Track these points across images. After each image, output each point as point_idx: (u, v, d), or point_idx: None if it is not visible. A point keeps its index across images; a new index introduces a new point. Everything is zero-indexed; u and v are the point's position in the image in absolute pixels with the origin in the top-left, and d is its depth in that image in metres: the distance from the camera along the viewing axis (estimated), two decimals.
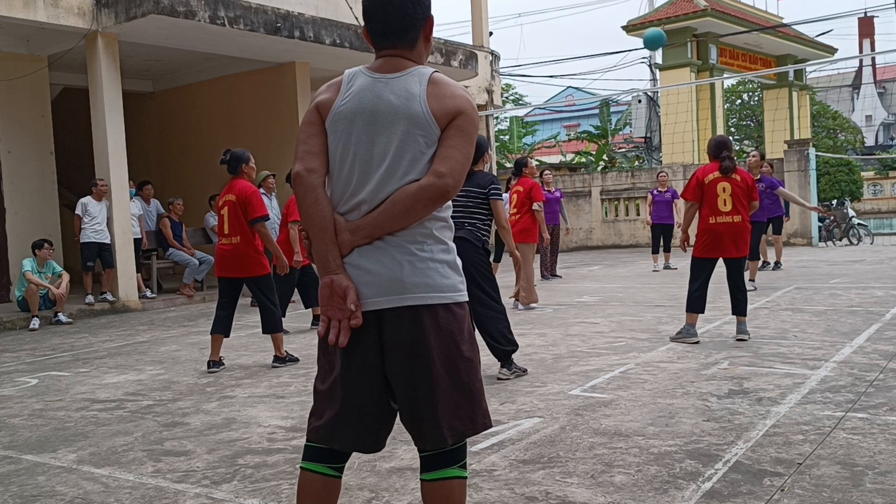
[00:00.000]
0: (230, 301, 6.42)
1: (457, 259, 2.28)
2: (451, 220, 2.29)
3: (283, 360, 6.44)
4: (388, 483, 3.45)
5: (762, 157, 11.23)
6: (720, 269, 6.60)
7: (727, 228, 6.44)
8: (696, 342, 6.41)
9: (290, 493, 3.39)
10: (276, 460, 3.88)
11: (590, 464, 3.58)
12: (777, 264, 11.95)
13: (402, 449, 3.90)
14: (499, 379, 5.42)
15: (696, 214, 6.59)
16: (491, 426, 2.30)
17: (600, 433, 4.05)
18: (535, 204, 8.98)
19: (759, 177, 11.05)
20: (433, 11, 2.31)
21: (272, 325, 6.40)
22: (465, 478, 2.27)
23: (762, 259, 11.77)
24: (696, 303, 6.53)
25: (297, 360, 6.54)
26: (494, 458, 3.71)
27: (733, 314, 6.61)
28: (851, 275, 10.93)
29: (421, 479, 2.27)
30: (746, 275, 8.61)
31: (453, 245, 2.27)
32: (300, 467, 2.30)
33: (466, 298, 2.28)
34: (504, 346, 5.45)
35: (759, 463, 3.47)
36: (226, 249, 6.32)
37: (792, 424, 4.02)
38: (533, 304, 9.09)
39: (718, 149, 6.61)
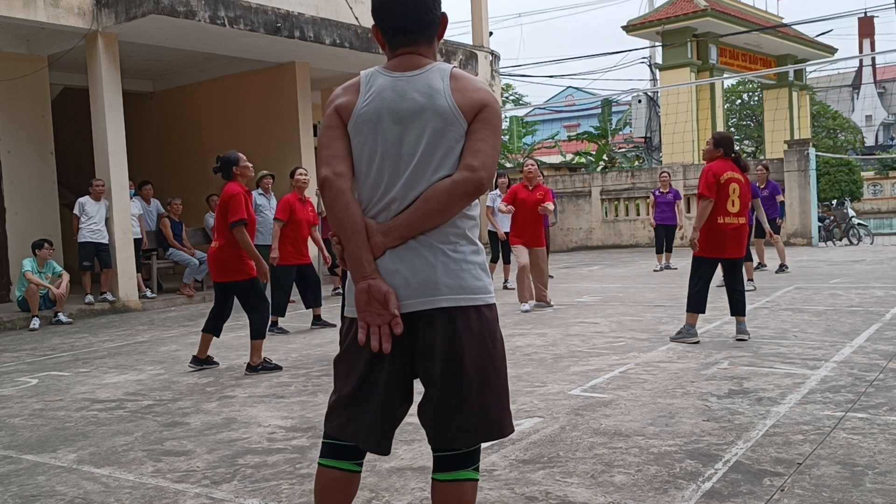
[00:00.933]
0: (223, 304, 6.30)
1: (485, 261, 2.26)
2: (479, 220, 2.27)
3: (255, 368, 6.12)
4: (388, 483, 3.45)
5: (767, 168, 12.09)
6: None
7: (732, 230, 6.43)
8: (696, 342, 6.41)
9: (290, 493, 3.39)
10: (276, 460, 3.88)
11: (590, 464, 3.58)
12: (782, 266, 11.66)
13: (402, 449, 3.90)
14: None
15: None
16: (513, 430, 2.27)
17: (600, 433, 4.04)
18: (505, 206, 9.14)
19: (764, 184, 11.62)
20: None
21: (255, 332, 6.16)
22: (477, 480, 2.26)
23: (758, 261, 11.71)
24: (696, 303, 6.52)
25: (277, 368, 6.21)
26: (494, 458, 3.71)
27: (732, 315, 6.61)
28: (851, 275, 10.93)
29: (433, 479, 2.25)
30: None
31: (482, 246, 2.26)
32: (319, 464, 2.27)
33: (495, 300, 2.26)
34: None
35: (759, 463, 3.47)
36: (210, 252, 6.27)
37: (792, 424, 4.02)
38: (525, 305, 9.06)
39: (732, 145, 6.54)
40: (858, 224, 18.46)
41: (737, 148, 6.53)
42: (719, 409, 4.37)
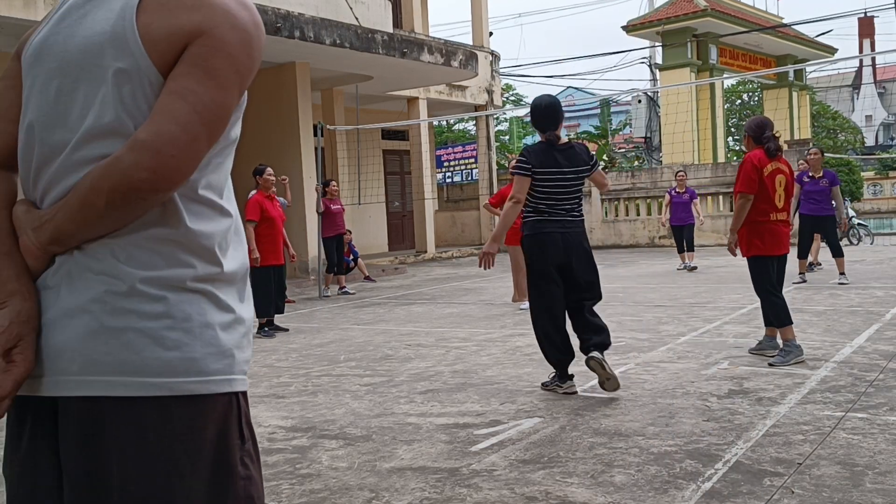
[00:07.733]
0: None
1: (208, 317, 1.26)
2: (227, 240, 1.32)
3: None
4: (388, 483, 3.45)
5: (822, 152, 10.68)
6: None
7: (785, 226, 5.66)
8: (803, 361, 5.49)
9: (290, 493, 3.39)
10: (276, 460, 3.88)
11: (590, 464, 3.58)
12: (841, 275, 10.33)
13: (402, 449, 3.90)
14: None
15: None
16: None
17: (600, 433, 4.05)
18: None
19: (821, 173, 10.26)
20: (433, 12, 2.25)
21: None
22: None
23: (811, 259, 11.41)
24: (782, 312, 5.58)
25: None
26: (494, 458, 3.71)
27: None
28: (851, 275, 10.92)
29: None
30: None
31: (212, 290, 1.27)
32: None
33: (217, 390, 1.25)
34: None
35: (759, 463, 3.47)
36: None
37: (792, 424, 4.02)
38: (524, 304, 9.08)
39: (760, 129, 5.65)
40: (858, 224, 18.45)
41: (772, 130, 5.65)
42: (719, 409, 4.38)
